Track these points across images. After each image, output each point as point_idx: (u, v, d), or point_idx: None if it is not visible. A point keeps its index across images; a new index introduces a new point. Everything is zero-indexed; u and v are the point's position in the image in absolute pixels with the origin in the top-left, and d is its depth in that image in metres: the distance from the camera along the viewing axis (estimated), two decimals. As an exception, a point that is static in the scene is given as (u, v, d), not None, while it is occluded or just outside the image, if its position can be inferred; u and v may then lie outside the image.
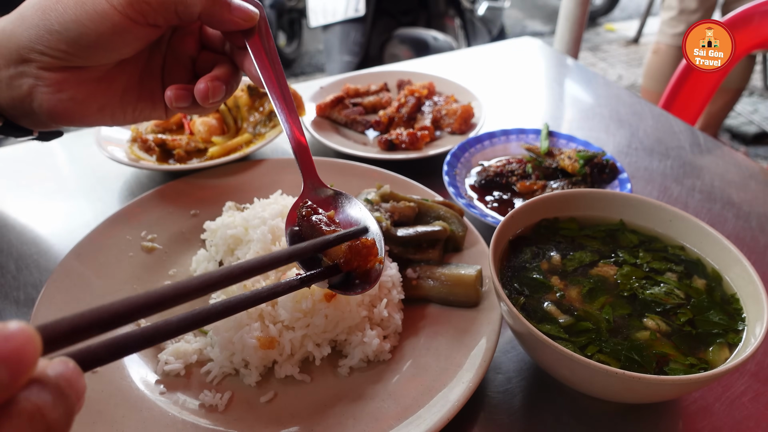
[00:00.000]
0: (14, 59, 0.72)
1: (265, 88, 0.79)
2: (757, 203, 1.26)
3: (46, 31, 0.70)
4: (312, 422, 0.75)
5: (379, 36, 3.58)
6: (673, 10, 3.29)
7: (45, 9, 0.70)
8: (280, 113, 0.80)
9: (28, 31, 0.71)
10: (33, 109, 0.76)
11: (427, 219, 1.01)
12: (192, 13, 0.74)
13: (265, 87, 0.79)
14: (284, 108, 0.80)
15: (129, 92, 0.82)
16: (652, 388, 0.66)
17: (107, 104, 0.80)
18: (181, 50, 0.85)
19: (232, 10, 0.75)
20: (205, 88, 0.78)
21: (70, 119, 0.78)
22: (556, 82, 1.90)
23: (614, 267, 0.84)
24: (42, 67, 0.73)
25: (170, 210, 1.10)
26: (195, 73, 0.87)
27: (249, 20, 0.77)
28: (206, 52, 0.86)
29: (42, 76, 0.73)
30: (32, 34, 0.71)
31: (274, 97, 0.80)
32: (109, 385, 0.78)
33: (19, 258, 1.08)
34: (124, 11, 0.70)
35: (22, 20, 0.71)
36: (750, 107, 4.47)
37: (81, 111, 0.78)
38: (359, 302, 0.84)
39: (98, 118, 0.81)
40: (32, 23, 0.71)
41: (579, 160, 1.19)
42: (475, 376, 0.77)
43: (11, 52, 0.72)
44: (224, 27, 0.78)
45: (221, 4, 0.74)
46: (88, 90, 0.77)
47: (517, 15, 6.77)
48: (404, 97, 1.50)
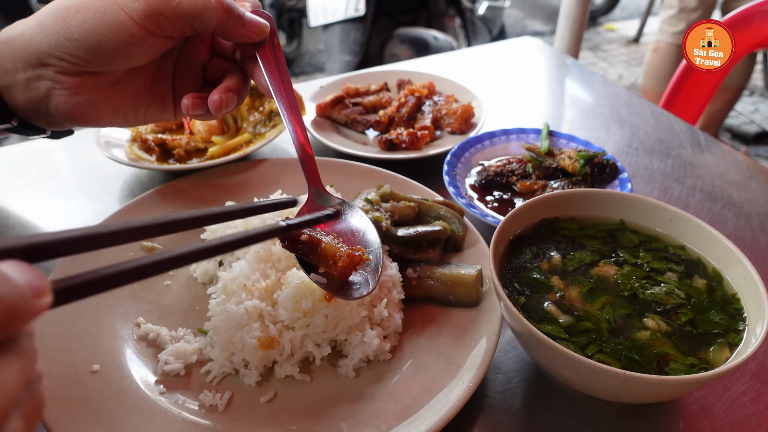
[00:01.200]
0: (33, 63, 0.75)
1: (273, 97, 0.83)
2: (758, 203, 1.26)
3: (65, 38, 0.72)
4: (312, 422, 0.75)
5: (380, 35, 3.58)
6: (673, 9, 3.29)
7: (65, 17, 0.73)
8: (288, 122, 0.84)
9: (48, 38, 0.73)
10: (49, 110, 0.79)
11: (427, 219, 1.01)
12: (207, 27, 0.77)
13: (274, 97, 0.83)
14: (292, 118, 0.84)
15: (141, 96, 0.85)
16: (653, 388, 0.66)
17: (120, 107, 0.83)
18: (193, 57, 0.87)
19: (246, 24, 0.79)
20: (219, 100, 0.81)
21: (84, 120, 0.81)
22: (556, 82, 1.90)
23: (615, 267, 0.84)
24: (60, 72, 0.75)
25: (170, 210, 1.10)
26: (205, 79, 0.90)
27: (261, 34, 0.80)
28: (217, 59, 0.89)
29: (59, 80, 0.76)
30: (52, 40, 0.73)
31: (282, 107, 0.83)
32: (109, 385, 0.78)
33: (19, 258, 1.08)
34: (142, 23, 0.73)
35: (42, 26, 0.74)
36: (751, 107, 4.47)
37: (95, 113, 0.81)
38: (359, 302, 0.84)
39: (111, 119, 0.84)
40: (52, 30, 0.73)
41: (579, 160, 1.19)
42: (476, 376, 0.77)
43: (30, 56, 0.74)
44: (237, 39, 0.81)
45: (235, 18, 0.77)
46: (103, 93, 0.80)
47: (517, 14, 6.77)
48: (404, 97, 1.50)
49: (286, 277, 0.84)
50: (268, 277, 0.87)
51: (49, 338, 0.81)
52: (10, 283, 0.33)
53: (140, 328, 0.87)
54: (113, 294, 0.93)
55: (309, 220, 0.77)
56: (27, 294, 0.33)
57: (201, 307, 0.92)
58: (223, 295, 0.86)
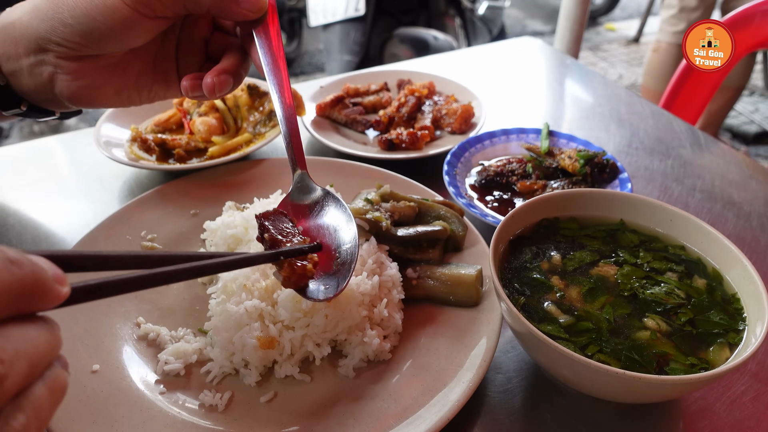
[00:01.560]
0: (33, 49, 0.76)
1: (266, 76, 0.83)
2: (758, 203, 1.26)
3: (59, 23, 0.74)
4: (312, 422, 0.75)
5: (380, 35, 3.58)
6: (673, 8, 3.29)
7: (57, 2, 0.74)
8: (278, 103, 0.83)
9: (43, 23, 0.74)
10: (54, 94, 0.80)
11: (427, 219, 1.01)
12: (201, 8, 0.77)
13: (266, 76, 0.82)
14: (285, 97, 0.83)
15: (143, 76, 0.86)
16: (653, 388, 0.66)
17: (123, 88, 0.85)
18: (194, 33, 0.88)
19: (240, 2, 0.79)
20: (211, 83, 0.81)
21: (89, 103, 0.83)
22: (556, 82, 1.90)
23: (615, 267, 0.84)
24: (59, 57, 0.76)
25: (170, 210, 1.10)
26: (208, 54, 0.90)
27: (257, 11, 0.80)
28: (219, 34, 0.89)
29: (60, 65, 0.77)
30: (47, 26, 0.74)
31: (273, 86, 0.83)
32: (109, 385, 0.78)
33: (19, 258, 1.08)
34: (133, 5, 0.73)
35: (37, 11, 0.75)
36: (751, 107, 4.47)
37: (99, 95, 0.82)
38: (359, 302, 0.84)
39: (116, 100, 0.85)
40: (47, 15, 0.74)
41: (579, 160, 1.19)
42: (476, 376, 0.77)
43: (30, 42, 0.76)
44: (233, 18, 0.81)
45: None
46: (105, 76, 0.81)
47: (517, 14, 6.77)
48: (404, 97, 1.50)
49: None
50: (268, 277, 0.87)
51: (49, 338, 0.81)
52: (40, 266, 0.38)
53: (140, 328, 0.87)
54: (113, 294, 0.94)
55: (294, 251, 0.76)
56: (51, 278, 0.39)
57: (201, 307, 0.92)
58: (223, 295, 0.86)
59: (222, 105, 1.37)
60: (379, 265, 0.90)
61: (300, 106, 1.37)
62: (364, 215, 0.93)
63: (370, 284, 0.85)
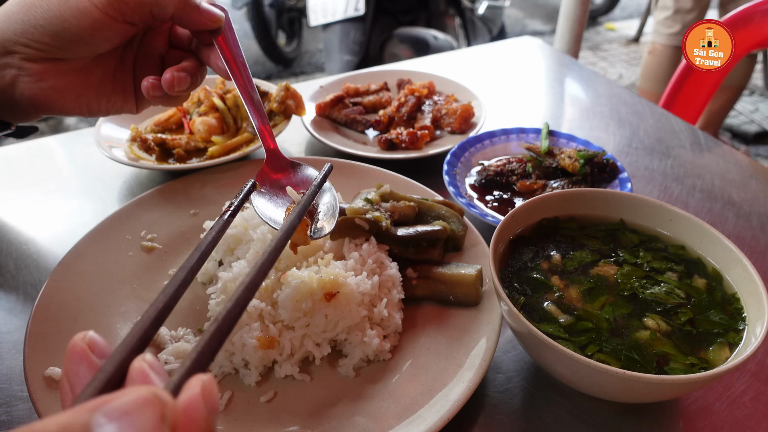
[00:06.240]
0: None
1: (231, 78, 0.88)
2: (758, 203, 1.26)
3: (30, 25, 0.77)
4: (312, 422, 0.75)
5: (379, 35, 3.58)
6: (668, 10, 3.28)
7: (30, 6, 0.77)
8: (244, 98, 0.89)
9: (13, 26, 0.77)
10: (15, 98, 0.82)
11: (427, 218, 1.01)
12: (165, 14, 0.82)
13: (231, 76, 0.88)
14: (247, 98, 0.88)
15: (104, 84, 0.89)
16: (653, 388, 0.66)
17: (84, 94, 0.87)
18: (151, 48, 0.93)
19: (202, 12, 0.84)
20: (170, 78, 0.86)
21: (50, 107, 0.85)
22: (556, 82, 1.90)
23: (614, 266, 0.84)
24: (25, 59, 0.79)
25: (170, 210, 1.10)
26: (163, 69, 0.94)
27: (216, 22, 0.86)
28: (174, 51, 0.94)
29: (24, 67, 0.80)
30: (18, 28, 0.77)
31: (239, 86, 0.88)
32: (109, 385, 0.78)
33: (19, 258, 1.08)
34: (104, 9, 0.77)
35: (8, 16, 0.78)
36: (751, 106, 4.47)
37: (60, 99, 0.85)
38: (359, 302, 0.84)
39: (75, 107, 0.87)
40: (18, 19, 0.77)
41: (579, 160, 1.19)
42: (476, 376, 0.77)
43: None
44: (193, 27, 0.86)
45: (191, 6, 0.83)
46: (67, 80, 0.84)
47: (517, 14, 6.77)
48: (404, 97, 1.49)
49: (286, 277, 0.84)
50: (268, 277, 0.87)
51: (49, 338, 0.81)
52: None
53: (140, 328, 0.87)
54: (113, 294, 0.94)
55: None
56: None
57: (201, 307, 0.92)
58: (223, 295, 0.86)
59: (222, 105, 1.37)
60: (379, 264, 0.90)
61: (300, 105, 1.37)
62: (364, 215, 0.93)
63: (369, 284, 0.85)
